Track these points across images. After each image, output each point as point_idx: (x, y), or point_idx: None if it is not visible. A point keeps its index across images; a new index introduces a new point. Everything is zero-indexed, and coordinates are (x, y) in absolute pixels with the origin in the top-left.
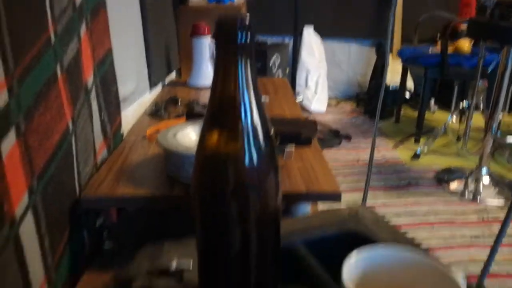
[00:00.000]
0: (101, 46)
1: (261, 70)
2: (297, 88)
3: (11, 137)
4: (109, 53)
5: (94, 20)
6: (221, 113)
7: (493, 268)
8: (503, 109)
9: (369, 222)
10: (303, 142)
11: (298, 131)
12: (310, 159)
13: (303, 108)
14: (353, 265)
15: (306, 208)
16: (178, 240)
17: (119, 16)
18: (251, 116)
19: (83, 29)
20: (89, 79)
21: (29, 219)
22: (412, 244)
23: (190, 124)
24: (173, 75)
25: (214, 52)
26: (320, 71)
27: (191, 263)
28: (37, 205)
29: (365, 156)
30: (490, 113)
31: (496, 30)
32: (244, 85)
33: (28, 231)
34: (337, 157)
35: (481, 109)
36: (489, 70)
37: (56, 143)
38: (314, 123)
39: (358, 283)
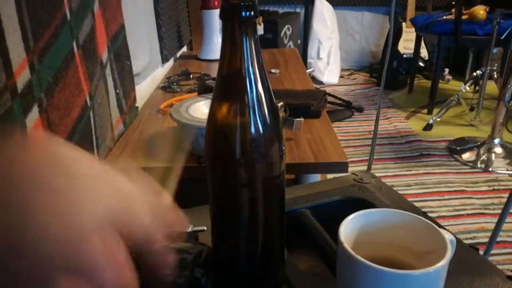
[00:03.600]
0: (114, 22)
1: (272, 41)
2: (309, 60)
3: (34, 113)
4: (122, 28)
5: None
6: (228, 86)
7: (502, 236)
8: None
9: (372, 188)
10: (313, 114)
11: (307, 103)
12: (319, 131)
13: (315, 80)
14: (350, 225)
15: (315, 178)
16: (192, 209)
17: None
18: (256, 88)
19: (96, 6)
20: (104, 54)
21: None
22: (413, 208)
23: (202, 98)
24: (184, 49)
25: (221, 28)
26: (332, 42)
27: (205, 227)
28: None
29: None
30: (503, 81)
31: None
32: (249, 59)
33: None
34: (349, 129)
35: (495, 78)
36: (503, 37)
37: (75, 119)
38: (323, 95)
39: (354, 242)
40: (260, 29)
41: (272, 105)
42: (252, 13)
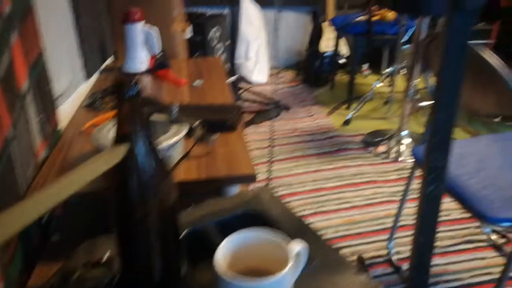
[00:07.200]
0: (33, 49)
1: (201, 44)
2: (238, 60)
3: None
4: (41, 54)
5: (24, 26)
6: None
7: (405, 220)
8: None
9: (266, 202)
10: (229, 128)
11: (223, 118)
12: (234, 143)
13: (245, 80)
14: (223, 248)
15: (235, 189)
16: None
17: (49, 10)
18: (141, 153)
19: (13, 38)
20: (24, 84)
21: None
22: (298, 219)
23: None
24: (110, 59)
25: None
26: (260, 42)
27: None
28: None
29: (302, 125)
30: (407, 78)
31: (410, 3)
32: (136, 127)
33: None
34: (276, 127)
35: (404, 74)
36: (407, 37)
37: None
38: (239, 109)
39: (231, 258)
40: (189, 32)
41: (157, 163)
42: (136, 93)
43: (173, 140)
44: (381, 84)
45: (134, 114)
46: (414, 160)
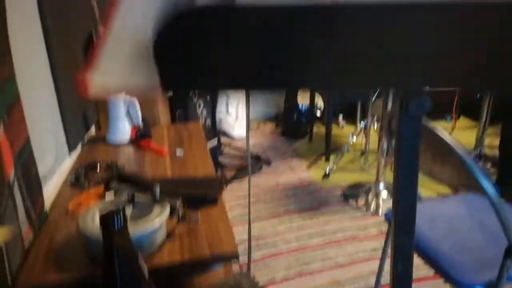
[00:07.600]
0: (20, 138)
1: (181, 101)
2: (218, 115)
3: None
4: (27, 142)
5: (11, 117)
6: (105, 265)
7: (386, 278)
8: None
9: None
10: (210, 202)
11: (204, 193)
12: (216, 218)
13: (226, 135)
14: None
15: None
16: None
17: (33, 92)
18: (126, 274)
19: (0, 131)
20: (11, 174)
21: None
22: None
23: (108, 200)
24: (92, 129)
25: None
26: (239, 96)
27: None
28: None
29: (283, 179)
30: (378, 137)
31: None
32: (125, 252)
33: None
34: (259, 183)
35: (375, 128)
36: (376, 93)
37: None
38: (220, 181)
39: None
40: (170, 92)
41: (140, 277)
42: (121, 225)
43: (157, 224)
44: (356, 137)
45: (123, 243)
46: (387, 221)
